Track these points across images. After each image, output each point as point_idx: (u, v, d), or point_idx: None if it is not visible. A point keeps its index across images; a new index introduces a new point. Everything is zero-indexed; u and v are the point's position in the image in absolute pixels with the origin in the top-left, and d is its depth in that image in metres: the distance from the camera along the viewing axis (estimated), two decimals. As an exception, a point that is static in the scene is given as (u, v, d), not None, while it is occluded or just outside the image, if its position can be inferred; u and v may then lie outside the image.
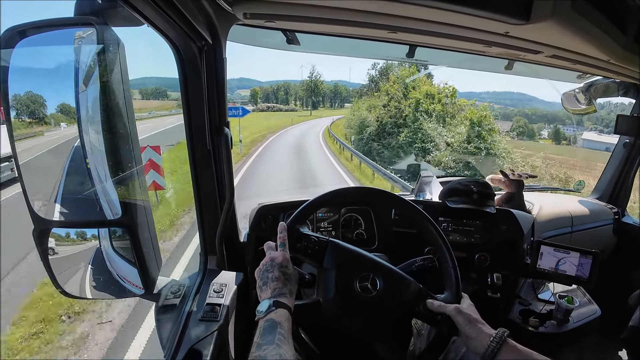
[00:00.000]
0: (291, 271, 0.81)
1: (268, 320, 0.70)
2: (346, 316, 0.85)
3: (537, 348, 0.77)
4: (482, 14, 0.79)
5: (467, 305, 0.84)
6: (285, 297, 0.76)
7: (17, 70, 0.68)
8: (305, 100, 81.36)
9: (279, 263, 0.81)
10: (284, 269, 0.80)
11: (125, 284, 0.90)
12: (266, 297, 0.76)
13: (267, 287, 0.78)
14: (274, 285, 0.78)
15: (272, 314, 0.71)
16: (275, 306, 0.73)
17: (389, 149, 16.23)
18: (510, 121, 35.65)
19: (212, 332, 0.97)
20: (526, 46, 1.10)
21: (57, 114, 0.76)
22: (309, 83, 73.07)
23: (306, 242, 0.88)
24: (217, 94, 1.06)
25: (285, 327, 0.69)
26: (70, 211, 0.82)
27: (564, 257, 1.39)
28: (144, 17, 0.72)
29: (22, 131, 0.78)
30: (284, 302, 0.74)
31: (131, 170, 0.80)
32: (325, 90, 71.42)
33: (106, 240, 0.88)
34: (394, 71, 21.73)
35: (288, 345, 0.66)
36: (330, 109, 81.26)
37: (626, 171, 1.93)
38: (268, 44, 1.29)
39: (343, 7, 0.90)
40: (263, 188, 8.42)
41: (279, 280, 0.78)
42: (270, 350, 0.64)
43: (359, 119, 21.05)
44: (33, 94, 0.74)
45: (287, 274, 0.80)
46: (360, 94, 30.35)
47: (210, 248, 1.23)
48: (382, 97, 19.18)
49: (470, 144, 13.36)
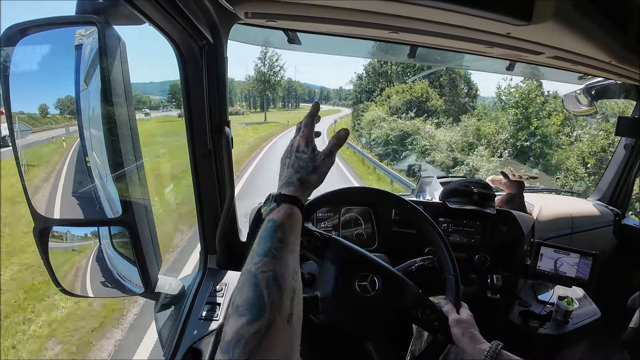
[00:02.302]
0: (308, 155, 0.68)
1: (268, 221, 0.60)
2: (342, 314, 0.84)
3: (537, 349, 0.77)
4: (483, 14, 0.79)
5: (466, 317, 0.83)
6: (292, 187, 0.65)
7: (18, 69, 0.69)
8: (253, 99, 62.04)
9: (296, 147, 0.69)
10: (299, 154, 0.68)
11: (125, 283, 0.90)
12: (278, 187, 0.66)
13: (281, 177, 0.68)
14: (286, 173, 0.67)
15: (273, 213, 0.61)
16: (277, 202, 0.62)
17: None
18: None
19: (212, 331, 0.97)
20: (528, 47, 1.10)
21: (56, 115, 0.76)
22: (260, 76, 43.48)
23: (309, 237, 0.87)
24: (218, 93, 1.06)
25: (286, 230, 0.58)
26: (70, 209, 0.82)
27: (564, 259, 1.39)
28: (145, 16, 0.72)
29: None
30: (288, 193, 0.63)
31: (132, 168, 0.80)
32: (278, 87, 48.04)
33: (106, 238, 0.88)
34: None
35: (289, 255, 0.55)
36: (285, 110, 70.82)
37: (627, 173, 1.93)
38: (269, 43, 1.29)
39: (345, 7, 0.90)
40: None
41: (292, 167, 0.67)
42: (262, 265, 0.52)
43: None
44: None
45: (301, 159, 0.67)
46: (360, 99, 26.56)
47: (211, 247, 1.23)
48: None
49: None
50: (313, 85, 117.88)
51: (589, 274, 1.36)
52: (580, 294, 1.59)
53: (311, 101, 68.20)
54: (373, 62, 24.64)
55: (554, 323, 1.44)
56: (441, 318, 0.85)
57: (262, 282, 0.49)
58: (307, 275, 0.92)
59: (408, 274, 0.93)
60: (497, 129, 13.35)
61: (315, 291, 0.86)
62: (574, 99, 1.88)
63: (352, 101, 30.62)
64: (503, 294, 1.43)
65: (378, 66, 24.66)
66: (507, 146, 12.79)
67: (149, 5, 0.70)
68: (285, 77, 49.80)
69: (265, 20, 1.02)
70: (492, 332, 0.81)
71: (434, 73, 15.77)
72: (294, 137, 0.72)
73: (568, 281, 1.39)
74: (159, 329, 1.03)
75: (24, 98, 0.74)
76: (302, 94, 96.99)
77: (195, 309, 1.04)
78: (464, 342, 0.78)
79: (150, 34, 0.98)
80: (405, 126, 16.03)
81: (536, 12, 0.78)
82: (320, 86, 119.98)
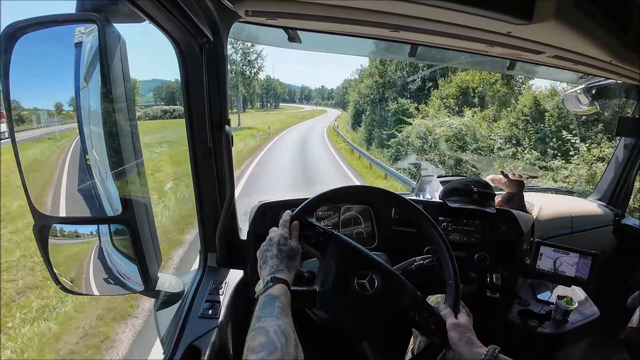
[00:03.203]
0: (288, 248, 0.82)
1: (267, 295, 0.72)
2: (340, 310, 0.85)
3: (536, 349, 0.77)
4: (484, 13, 0.79)
5: (464, 321, 0.84)
6: (283, 272, 0.78)
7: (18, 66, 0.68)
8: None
9: (276, 241, 0.82)
10: (281, 247, 0.82)
11: (125, 281, 0.90)
12: (265, 275, 0.78)
13: (266, 266, 0.80)
14: (272, 262, 0.80)
15: (270, 290, 0.73)
16: (273, 282, 0.74)
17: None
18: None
19: (212, 329, 0.97)
20: (528, 46, 1.10)
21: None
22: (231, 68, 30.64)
23: (311, 231, 0.89)
24: (218, 91, 1.06)
25: (283, 301, 0.70)
26: (70, 207, 0.82)
27: (564, 258, 1.39)
28: (145, 14, 0.72)
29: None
30: (281, 277, 0.76)
31: (132, 166, 0.80)
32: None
33: (106, 236, 0.88)
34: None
35: (287, 318, 0.67)
36: (264, 111, 61.36)
37: (627, 173, 1.93)
38: (269, 41, 1.29)
39: (345, 6, 0.89)
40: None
41: (277, 258, 0.80)
42: (270, 322, 0.64)
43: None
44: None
45: (283, 251, 0.81)
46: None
47: (211, 245, 1.23)
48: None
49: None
50: (293, 85, 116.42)
51: (589, 273, 1.36)
52: (580, 294, 1.59)
53: (291, 100, 59.00)
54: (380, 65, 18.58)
55: (553, 322, 1.44)
56: (438, 322, 0.85)
57: (271, 332, 0.62)
58: (307, 273, 0.93)
59: (407, 272, 0.94)
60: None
61: (315, 286, 0.86)
62: (574, 99, 1.88)
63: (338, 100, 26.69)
64: (502, 293, 1.44)
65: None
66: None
67: (149, 3, 0.70)
68: (263, 73, 39.53)
69: (265, 19, 1.02)
70: (491, 332, 0.81)
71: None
72: (273, 233, 0.85)
73: (567, 281, 1.39)
74: (159, 327, 1.03)
75: (24, 96, 0.74)
76: (282, 92, 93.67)
77: (195, 307, 1.04)
78: (460, 345, 0.79)
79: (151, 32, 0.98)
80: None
81: (537, 11, 0.78)
82: (301, 85, 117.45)
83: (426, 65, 8.82)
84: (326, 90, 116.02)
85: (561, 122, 8.79)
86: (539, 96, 9.89)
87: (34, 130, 0.83)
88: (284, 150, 15.29)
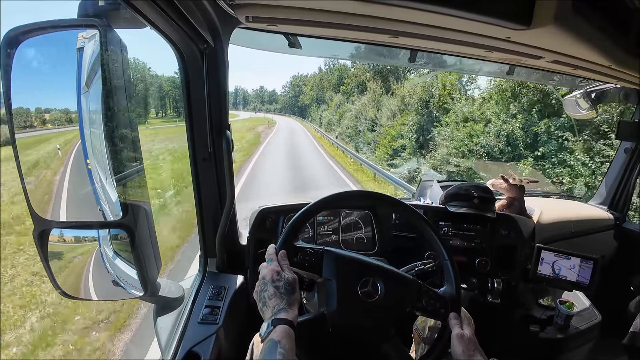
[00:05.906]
0: (284, 282, 0.78)
1: (268, 341, 0.70)
2: (353, 324, 0.84)
3: (538, 354, 0.77)
4: (483, 19, 0.79)
5: (470, 334, 0.83)
6: (285, 311, 0.75)
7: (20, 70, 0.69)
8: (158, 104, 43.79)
9: (269, 279, 0.79)
10: (276, 283, 0.78)
11: (125, 286, 0.89)
12: (267, 318, 0.75)
13: (267, 308, 0.77)
14: (272, 303, 0.77)
15: (271, 334, 0.71)
16: (274, 325, 0.72)
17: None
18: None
19: (211, 335, 0.96)
20: (527, 51, 1.11)
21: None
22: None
23: (302, 255, 0.86)
24: (219, 96, 1.06)
25: (285, 345, 0.68)
26: (71, 212, 0.82)
27: (565, 263, 1.38)
28: (146, 19, 0.72)
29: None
30: (282, 317, 0.73)
31: (132, 171, 0.80)
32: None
33: (106, 241, 0.88)
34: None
35: None
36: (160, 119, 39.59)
37: (627, 177, 1.93)
38: (270, 47, 1.29)
39: (345, 12, 0.90)
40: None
41: (275, 297, 0.77)
42: None
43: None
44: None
45: (280, 287, 0.78)
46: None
47: (210, 250, 1.23)
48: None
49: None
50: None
51: (590, 278, 1.35)
52: (581, 298, 1.58)
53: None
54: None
55: (554, 327, 1.43)
56: (445, 304, 0.86)
57: None
58: (307, 279, 0.91)
59: None
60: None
61: (320, 308, 0.85)
62: (574, 103, 1.88)
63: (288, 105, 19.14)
64: (504, 298, 1.43)
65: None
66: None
67: (151, 9, 0.70)
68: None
69: (266, 25, 1.03)
70: (493, 337, 0.81)
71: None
72: (264, 270, 0.81)
73: (568, 285, 1.39)
74: (158, 332, 1.02)
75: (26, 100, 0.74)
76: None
77: (194, 312, 1.03)
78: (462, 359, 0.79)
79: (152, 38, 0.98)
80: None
81: (536, 17, 0.78)
82: (234, 88, 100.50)
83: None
84: (266, 92, 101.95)
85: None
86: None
87: (34, 131, 0.83)
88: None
